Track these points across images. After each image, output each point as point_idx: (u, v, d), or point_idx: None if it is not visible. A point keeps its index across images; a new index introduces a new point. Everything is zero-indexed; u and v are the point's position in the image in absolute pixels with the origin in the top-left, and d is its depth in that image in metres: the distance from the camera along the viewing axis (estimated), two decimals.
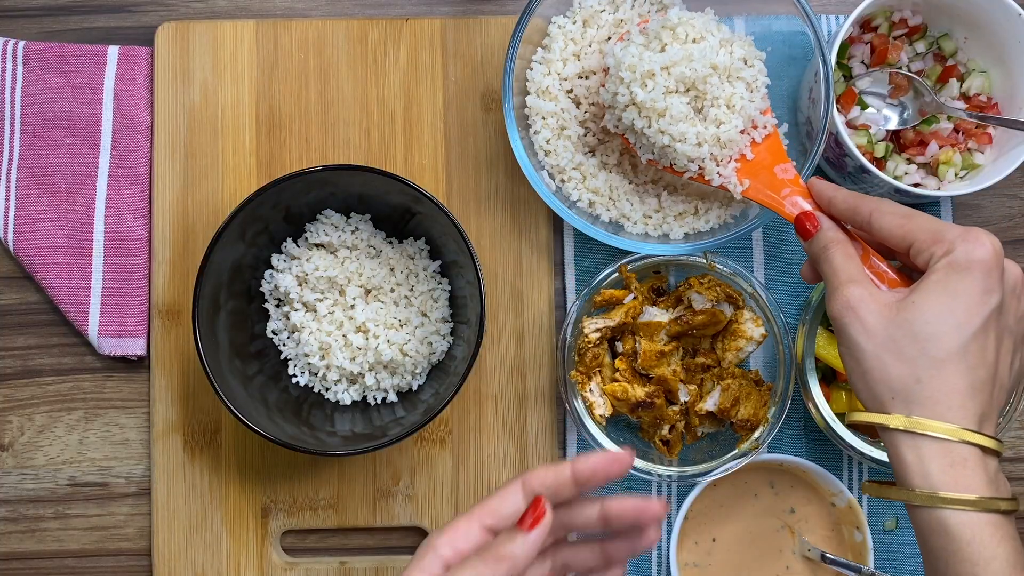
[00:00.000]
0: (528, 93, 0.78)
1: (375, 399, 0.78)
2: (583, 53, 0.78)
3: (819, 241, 0.64)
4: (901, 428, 0.55)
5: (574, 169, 0.78)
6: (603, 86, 0.73)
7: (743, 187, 0.72)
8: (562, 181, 0.78)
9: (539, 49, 0.78)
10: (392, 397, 0.78)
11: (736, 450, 0.76)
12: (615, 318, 0.76)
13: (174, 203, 0.82)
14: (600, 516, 0.54)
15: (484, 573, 0.50)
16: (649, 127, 0.71)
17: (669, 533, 0.80)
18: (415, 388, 0.78)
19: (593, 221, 0.77)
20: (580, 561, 0.55)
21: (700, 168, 0.72)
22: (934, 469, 0.54)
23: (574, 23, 0.78)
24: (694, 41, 0.71)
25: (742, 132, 0.72)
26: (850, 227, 0.66)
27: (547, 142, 0.78)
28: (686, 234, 0.77)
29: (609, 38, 0.78)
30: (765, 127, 0.73)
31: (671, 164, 0.72)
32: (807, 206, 0.68)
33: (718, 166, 0.72)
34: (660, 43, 0.71)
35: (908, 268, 0.63)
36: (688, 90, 0.71)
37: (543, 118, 0.77)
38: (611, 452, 0.53)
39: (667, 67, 0.70)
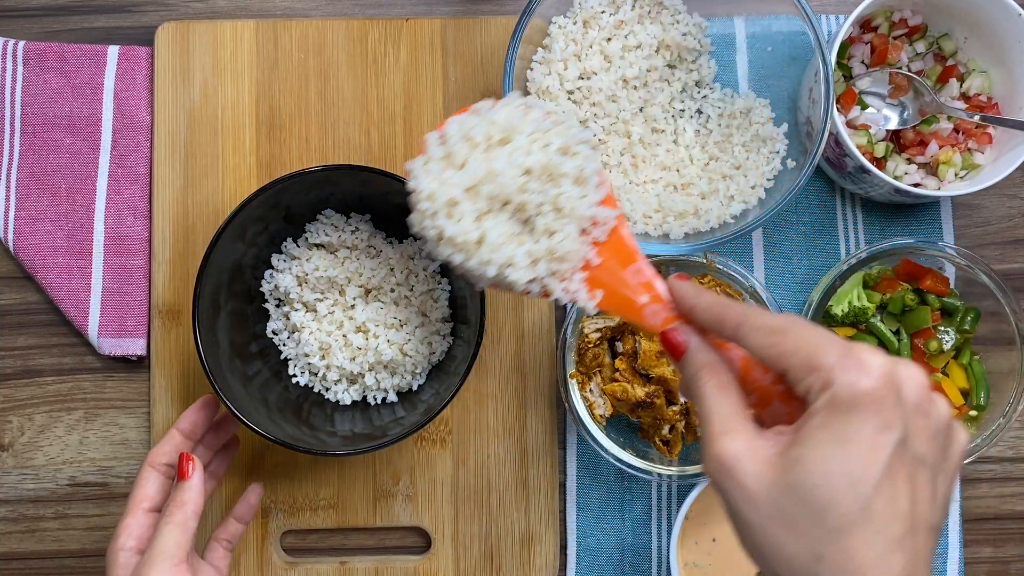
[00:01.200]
0: (528, 93, 0.78)
1: (375, 399, 0.78)
2: (583, 54, 0.78)
3: (688, 366, 0.52)
4: None
5: None
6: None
7: (596, 300, 0.59)
8: None
9: (539, 49, 0.78)
10: (392, 397, 0.78)
11: None
12: (615, 318, 0.76)
13: (174, 203, 0.82)
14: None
15: (179, 519, 0.65)
16: (470, 261, 0.59)
17: (670, 533, 0.80)
18: (415, 388, 0.78)
19: None
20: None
21: (544, 287, 0.60)
22: None
23: (574, 23, 0.78)
24: (500, 143, 0.60)
25: (583, 234, 0.59)
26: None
27: None
28: (686, 234, 0.77)
29: (610, 39, 0.78)
30: (606, 222, 0.59)
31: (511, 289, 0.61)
32: (665, 314, 0.55)
33: (562, 282, 0.60)
34: (460, 158, 0.60)
35: None
36: (505, 204, 0.59)
37: None
38: (198, 402, 0.72)
39: (472, 187, 0.59)
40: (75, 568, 0.82)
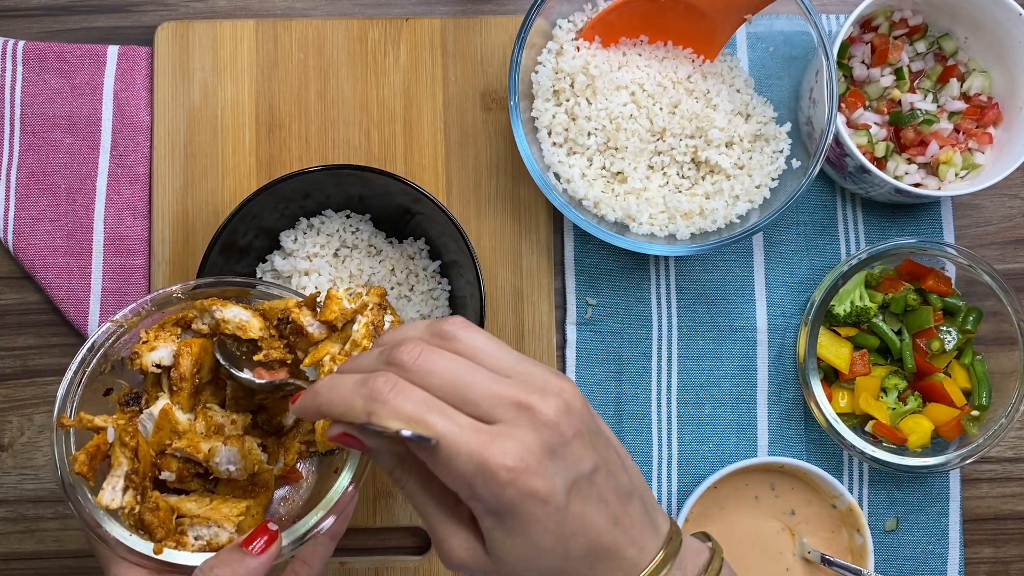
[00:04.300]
0: (532, 95, 0.78)
1: None
2: (592, 56, 0.78)
3: (383, 466, 0.50)
4: None
5: (580, 169, 0.78)
6: None
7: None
8: (567, 181, 0.78)
9: (544, 51, 0.78)
10: None
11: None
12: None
13: (174, 203, 0.82)
14: None
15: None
16: None
17: None
18: None
19: (599, 222, 0.76)
20: None
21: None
22: None
23: (579, 26, 0.78)
24: None
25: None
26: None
27: (553, 143, 0.78)
28: (692, 234, 0.77)
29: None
30: None
31: None
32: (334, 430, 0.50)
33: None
34: None
35: None
36: None
37: (549, 119, 0.77)
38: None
39: None
40: (75, 568, 0.81)
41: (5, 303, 0.83)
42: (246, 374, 0.61)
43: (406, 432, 0.44)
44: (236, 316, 0.61)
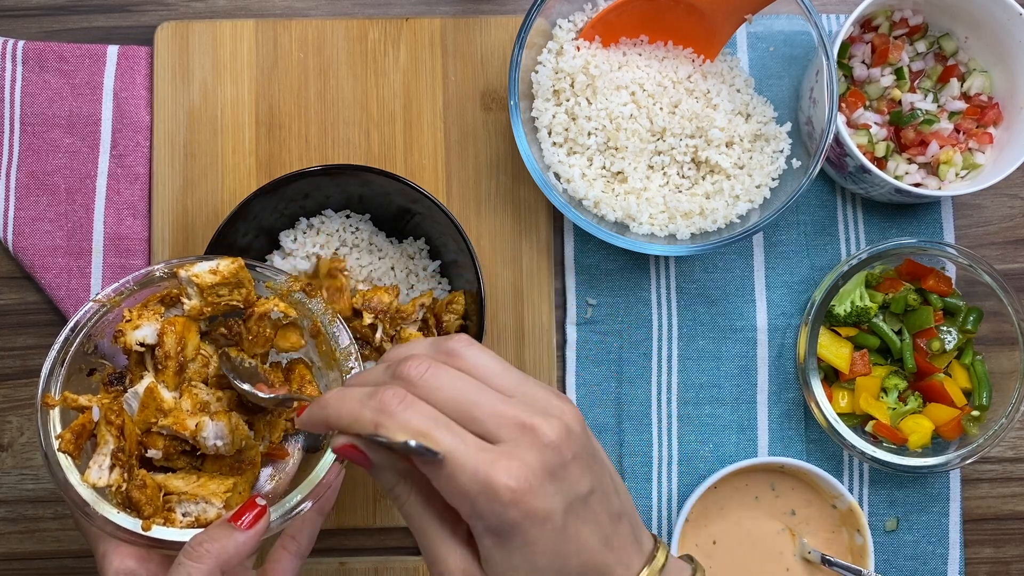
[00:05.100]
0: (533, 95, 0.77)
1: None
2: (593, 56, 0.78)
3: (383, 482, 0.49)
4: None
5: (580, 169, 0.77)
6: None
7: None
8: (567, 181, 0.78)
9: (544, 51, 0.78)
10: None
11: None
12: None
13: (174, 203, 0.82)
14: None
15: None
16: None
17: (670, 535, 0.80)
18: None
19: (599, 222, 0.76)
20: None
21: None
22: None
23: (579, 26, 0.78)
24: None
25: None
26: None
27: (553, 143, 0.78)
28: (692, 234, 0.77)
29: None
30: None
31: None
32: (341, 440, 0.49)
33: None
34: None
35: None
36: None
37: (549, 119, 0.77)
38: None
39: None
40: (75, 568, 0.81)
41: (5, 303, 0.83)
42: (247, 387, 0.62)
43: (413, 443, 0.44)
44: (201, 269, 0.62)
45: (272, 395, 0.61)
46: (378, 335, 0.71)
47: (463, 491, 0.45)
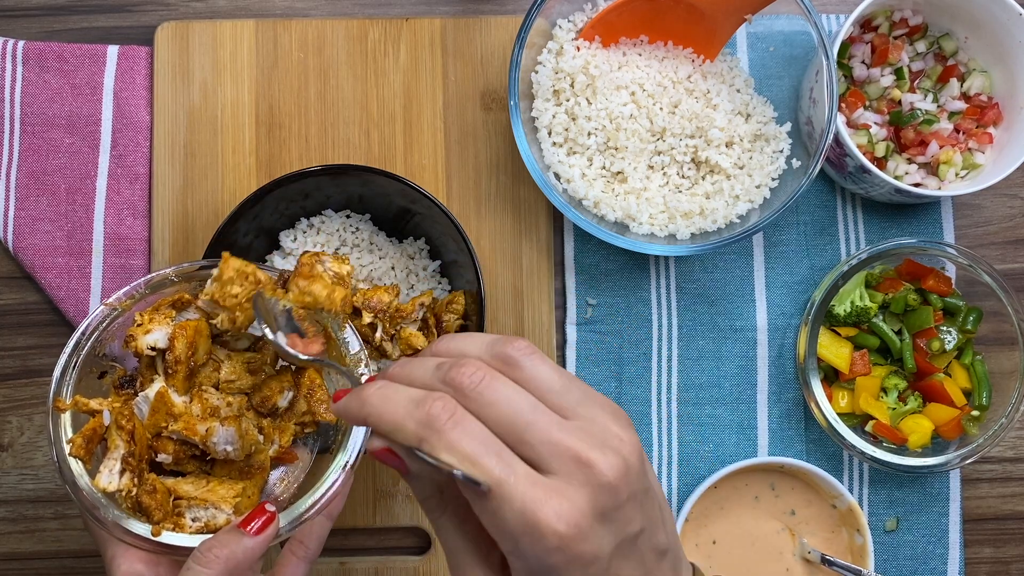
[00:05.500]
0: (532, 95, 0.77)
1: None
2: (592, 56, 0.78)
3: (416, 492, 0.47)
4: None
5: (580, 169, 0.78)
6: None
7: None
8: (567, 181, 0.78)
9: (544, 51, 0.78)
10: None
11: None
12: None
13: (174, 203, 0.82)
14: None
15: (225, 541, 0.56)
16: None
17: None
18: None
19: (599, 222, 0.76)
20: None
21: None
22: None
23: (579, 26, 0.78)
24: None
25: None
26: None
27: (553, 143, 0.78)
28: (692, 234, 0.77)
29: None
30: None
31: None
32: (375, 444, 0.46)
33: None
34: None
35: None
36: None
37: (549, 119, 0.77)
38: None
39: None
40: (75, 568, 0.81)
41: (5, 303, 0.83)
42: (280, 338, 0.58)
43: (459, 473, 0.41)
44: (207, 288, 0.61)
45: (306, 356, 0.57)
46: (378, 334, 0.71)
47: (507, 528, 0.41)
